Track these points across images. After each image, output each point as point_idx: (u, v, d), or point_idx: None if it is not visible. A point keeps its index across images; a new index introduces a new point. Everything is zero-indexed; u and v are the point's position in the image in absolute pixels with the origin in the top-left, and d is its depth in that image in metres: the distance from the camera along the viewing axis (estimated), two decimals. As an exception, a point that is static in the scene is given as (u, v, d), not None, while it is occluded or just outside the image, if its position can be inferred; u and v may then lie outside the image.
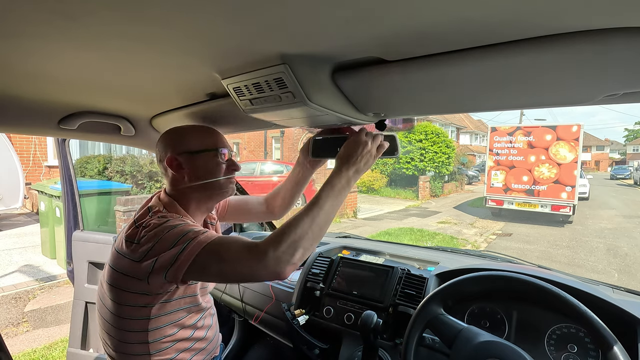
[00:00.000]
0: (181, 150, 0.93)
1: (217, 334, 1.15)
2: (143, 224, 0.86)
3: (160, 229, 0.83)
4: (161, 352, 0.92)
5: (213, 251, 0.79)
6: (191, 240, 0.80)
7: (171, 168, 0.93)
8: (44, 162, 8.25)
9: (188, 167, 0.93)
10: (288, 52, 0.61)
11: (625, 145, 53.84)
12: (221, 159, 0.96)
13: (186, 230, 0.82)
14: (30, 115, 1.06)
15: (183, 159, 0.93)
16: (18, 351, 2.89)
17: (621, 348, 0.70)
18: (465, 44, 0.55)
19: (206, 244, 0.79)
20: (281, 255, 0.75)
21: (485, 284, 0.92)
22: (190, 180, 0.94)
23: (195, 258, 0.78)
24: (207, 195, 0.98)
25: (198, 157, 0.94)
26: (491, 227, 8.99)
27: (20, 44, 0.59)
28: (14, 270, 4.17)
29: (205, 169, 0.94)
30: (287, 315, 1.31)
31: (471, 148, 28.05)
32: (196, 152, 0.94)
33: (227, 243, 0.80)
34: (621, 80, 0.59)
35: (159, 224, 0.85)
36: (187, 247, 0.79)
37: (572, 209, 9.17)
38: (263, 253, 0.76)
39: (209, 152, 0.95)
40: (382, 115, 0.91)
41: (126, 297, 0.86)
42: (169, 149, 0.94)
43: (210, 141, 0.96)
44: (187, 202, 0.96)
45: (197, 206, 0.98)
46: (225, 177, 0.97)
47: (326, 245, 1.63)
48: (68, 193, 2.08)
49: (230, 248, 0.79)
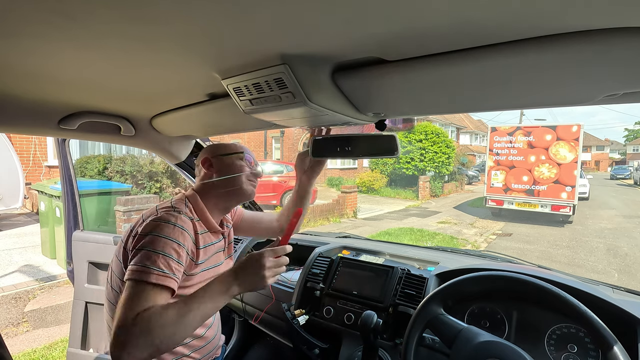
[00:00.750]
0: (215, 153, 1.10)
1: (218, 335, 1.15)
2: (147, 217, 0.95)
3: (159, 227, 0.90)
4: None
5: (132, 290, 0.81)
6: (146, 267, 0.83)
7: (204, 167, 1.10)
8: (44, 162, 8.25)
9: (217, 166, 1.09)
10: (288, 52, 0.61)
11: (625, 145, 53.83)
12: (245, 164, 1.11)
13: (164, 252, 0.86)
14: (30, 115, 1.06)
15: (215, 160, 1.09)
16: (18, 351, 2.89)
17: (621, 348, 0.70)
18: (465, 44, 0.55)
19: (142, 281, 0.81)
20: (132, 351, 0.73)
21: (485, 284, 0.92)
22: (217, 177, 1.07)
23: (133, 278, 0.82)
24: (227, 193, 1.08)
25: (227, 158, 1.10)
26: (491, 227, 8.99)
27: (20, 43, 0.59)
28: (14, 270, 4.17)
29: (229, 168, 1.08)
30: (287, 315, 1.31)
31: (471, 148, 28.05)
32: (226, 154, 1.10)
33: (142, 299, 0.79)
34: (621, 80, 0.59)
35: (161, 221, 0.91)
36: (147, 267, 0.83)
37: (572, 209, 9.16)
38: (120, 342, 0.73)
39: (236, 154, 1.11)
40: (382, 115, 0.91)
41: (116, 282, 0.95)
42: (206, 153, 1.11)
43: (238, 149, 1.13)
44: (208, 199, 1.07)
45: (216, 202, 1.08)
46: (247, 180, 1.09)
47: (326, 245, 1.63)
48: (68, 193, 2.08)
49: (133, 305, 0.78)
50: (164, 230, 0.89)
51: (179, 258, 0.89)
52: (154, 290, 0.82)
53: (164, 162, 7.16)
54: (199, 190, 1.08)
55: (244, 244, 1.79)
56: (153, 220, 0.92)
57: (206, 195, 1.07)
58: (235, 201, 1.12)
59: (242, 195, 1.09)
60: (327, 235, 1.96)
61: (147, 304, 0.79)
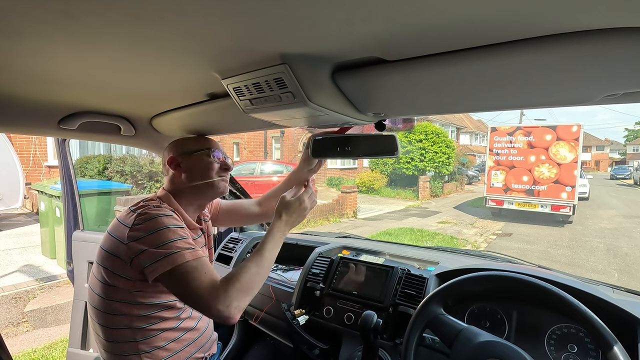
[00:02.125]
0: (180, 151, 1.06)
1: (210, 327, 1.15)
2: (139, 212, 0.93)
3: (154, 222, 0.90)
4: (148, 340, 0.94)
5: (186, 272, 0.85)
6: (177, 252, 0.86)
7: (171, 167, 1.06)
8: (44, 162, 8.25)
9: (185, 165, 1.05)
10: (288, 52, 0.61)
11: (625, 145, 53.80)
12: (214, 160, 1.07)
13: (177, 237, 0.88)
14: (30, 115, 1.06)
15: (181, 159, 1.06)
16: (18, 351, 2.89)
17: (621, 348, 0.70)
18: (465, 44, 0.55)
19: (185, 262, 0.85)
20: (239, 304, 0.84)
21: (486, 284, 0.92)
22: (186, 177, 1.05)
23: (171, 269, 0.84)
24: (200, 191, 1.06)
25: (194, 157, 1.06)
26: (491, 227, 8.99)
27: (21, 43, 0.59)
28: (14, 270, 4.17)
29: (199, 167, 1.05)
30: (287, 316, 1.31)
31: (471, 148, 28.04)
32: (192, 152, 1.06)
33: (199, 272, 0.86)
34: (621, 80, 0.59)
35: (153, 215, 0.91)
36: (171, 255, 0.85)
37: (572, 209, 9.16)
38: (224, 299, 0.82)
39: (203, 151, 1.07)
40: (382, 115, 0.91)
41: (109, 276, 0.92)
42: (171, 152, 1.07)
43: (205, 145, 1.09)
44: (181, 198, 1.05)
45: (190, 201, 1.07)
46: (218, 176, 1.07)
47: (326, 245, 1.63)
48: (68, 193, 2.08)
49: (198, 278, 0.85)
50: (156, 224, 0.89)
51: (186, 234, 0.92)
52: (197, 263, 0.86)
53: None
54: (171, 191, 1.05)
55: (244, 244, 1.79)
56: (139, 224, 0.90)
57: (179, 194, 1.05)
58: (209, 198, 1.12)
59: (215, 193, 1.08)
60: (327, 235, 1.96)
61: (206, 275, 0.85)
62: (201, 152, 1.07)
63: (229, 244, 1.84)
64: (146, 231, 0.88)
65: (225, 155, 1.12)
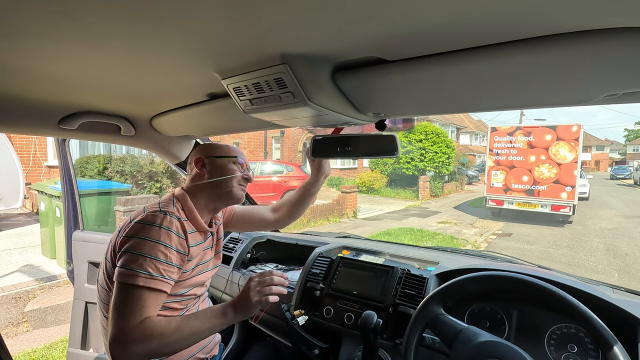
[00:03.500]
0: (208, 154, 1.10)
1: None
2: (136, 219, 0.95)
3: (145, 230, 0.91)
4: None
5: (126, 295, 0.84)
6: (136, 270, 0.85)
7: (196, 167, 1.10)
8: (44, 162, 8.25)
9: (210, 167, 1.09)
10: (288, 52, 0.61)
11: (625, 145, 53.81)
12: (238, 168, 1.12)
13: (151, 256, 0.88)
14: (30, 115, 1.06)
15: (208, 160, 1.10)
16: (18, 351, 2.89)
17: (621, 348, 0.70)
18: (465, 44, 0.55)
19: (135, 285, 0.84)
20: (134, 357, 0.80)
21: (486, 284, 0.92)
22: (208, 179, 1.07)
23: (123, 282, 0.85)
24: (217, 195, 1.09)
25: (219, 160, 1.10)
26: (491, 227, 8.98)
27: (22, 44, 0.59)
28: (14, 270, 4.17)
29: (222, 172, 1.09)
30: (287, 316, 1.31)
31: (471, 148, 28.04)
32: (219, 156, 1.11)
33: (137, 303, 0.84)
34: (621, 80, 0.59)
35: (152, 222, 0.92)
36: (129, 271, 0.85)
37: (572, 209, 9.16)
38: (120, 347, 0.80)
39: (229, 158, 1.11)
40: (382, 115, 0.91)
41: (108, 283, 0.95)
42: (200, 153, 1.11)
43: (232, 153, 1.13)
44: (197, 199, 1.07)
45: (205, 204, 1.09)
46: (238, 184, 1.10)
47: (326, 245, 1.63)
48: (68, 193, 2.08)
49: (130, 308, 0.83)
50: (148, 232, 0.90)
51: (167, 259, 0.90)
52: (144, 293, 0.85)
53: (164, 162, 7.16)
54: (189, 190, 1.08)
55: (244, 244, 1.79)
56: (138, 223, 0.93)
57: (196, 196, 1.07)
58: (224, 204, 1.14)
59: (231, 199, 1.10)
60: (327, 235, 1.95)
61: (140, 307, 0.84)
62: (228, 158, 1.11)
63: (228, 244, 1.84)
64: (134, 236, 0.90)
65: (248, 166, 1.16)
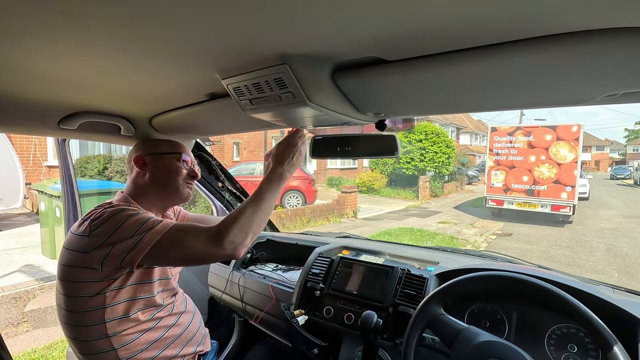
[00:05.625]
0: (149, 151, 1.04)
1: (195, 322, 1.11)
2: (92, 217, 0.90)
3: (116, 217, 0.87)
4: (128, 345, 0.91)
5: (172, 237, 0.85)
6: (149, 229, 0.85)
7: (136, 166, 1.03)
8: (44, 162, 8.25)
9: (151, 165, 1.03)
10: (288, 52, 0.61)
11: (625, 145, 53.79)
12: (182, 165, 1.06)
13: (144, 219, 0.87)
14: (30, 115, 1.06)
15: (149, 158, 1.04)
16: (18, 351, 2.89)
17: (621, 348, 0.70)
18: (465, 44, 0.55)
19: (165, 232, 0.85)
20: (235, 239, 0.84)
21: (485, 284, 0.92)
22: (150, 178, 1.02)
23: (154, 245, 0.83)
24: (163, 194, 1.05)
25: (162, 158, 1.04)
26: (491, 227, 8.98)
27: (21, 44, 0.59)
28: (14, 270, 4.17)
29: (165, 169, 1.04)
30: (287, 315, 1.31)
31: (471, 148, 28.04)
32: (161, 153, 1.04)
33: (186, 229, 0.86)
34: (621, 80, 0.59)
35: (113, 212, 0.89)
36: (146, 235, 0.84)
37: (572, 209, 9.16)
38: (220, 237, 0.83)
39: (173, 155, 1.05)
40: (382, 115, 0.91)
41: (77, 288, 0.88)
42: (139, 151, 1.05)
43: (176, 148, 1.07)
44: (142, 200, 1.02)
45: (151, 203, 1.04)
46: (184, 183, 1.06)
47: (326, 245, 1.63)
48: (68, 193, 2.08)
49: (189, 233, 0.85)
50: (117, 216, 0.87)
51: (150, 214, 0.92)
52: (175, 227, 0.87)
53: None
54: (131, 193, 1.02)
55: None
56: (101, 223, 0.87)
57: (139, 197, 1.02)
58: (171, 202, 1.09)
59: (177, 198, 1.07)
60: (327, 235, 1.95)
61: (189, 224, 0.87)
62: (171, 155, 1.05)
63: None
64: (109, 231, 0.85)
65: (194, 163, 1.11)
